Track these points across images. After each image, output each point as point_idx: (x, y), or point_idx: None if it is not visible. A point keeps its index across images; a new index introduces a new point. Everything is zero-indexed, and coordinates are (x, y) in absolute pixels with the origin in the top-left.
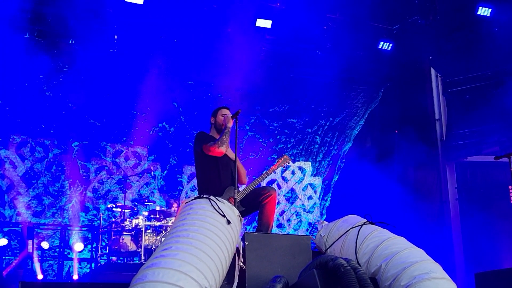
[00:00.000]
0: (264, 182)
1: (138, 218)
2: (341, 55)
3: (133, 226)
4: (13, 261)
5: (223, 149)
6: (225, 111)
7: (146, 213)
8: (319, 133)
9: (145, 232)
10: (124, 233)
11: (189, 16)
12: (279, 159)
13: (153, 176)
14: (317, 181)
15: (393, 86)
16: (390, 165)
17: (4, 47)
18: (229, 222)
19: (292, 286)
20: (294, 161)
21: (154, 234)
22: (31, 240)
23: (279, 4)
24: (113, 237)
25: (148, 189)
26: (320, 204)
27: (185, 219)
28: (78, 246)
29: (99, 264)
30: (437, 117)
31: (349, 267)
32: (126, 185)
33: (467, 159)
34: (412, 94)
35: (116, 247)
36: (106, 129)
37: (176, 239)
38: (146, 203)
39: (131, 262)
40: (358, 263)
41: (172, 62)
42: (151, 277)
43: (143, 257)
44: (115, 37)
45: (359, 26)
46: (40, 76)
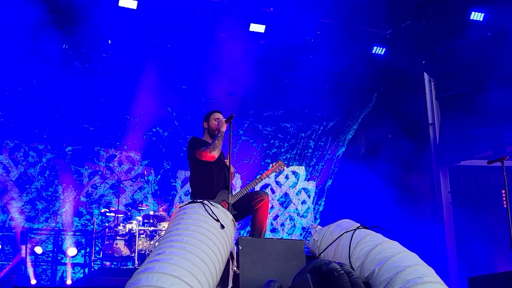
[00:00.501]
0: (258, 187)
1: (131, 222)
2: (334, 59)
3: (127, 230)
4: (6, 266)
5: (215, 153)
6: (217, 115)
7: (139, 218)
8: (313, 137)
9: (138, 236)
10: (118, 237)
11: (182, 21)
12: (274, 164)
13: (146, 181)
14: (311, 186)
15: (386, 90)
16: (383, 169)
17: None
18: (222, 227)
19: None
20: (288, 166)
21: (148, 238)
22: (25, 245)
23: (272, 9)
24: (106, 241)
25: (142, 193)
26: (314, 208)
27: (179, 223)
28: (72, 251)
29: (93, 269)
30: (430, 121)
31: (342, 272)
32: (120, 190)
33: (460, 163)
34: (405, 98)
35: (110, 252)
36: (100, 133)
37: (170, 243)
38: (139, 207)
39: (124, 267)
40: (351, 267)
41: (165, 66)
42: (145, 282)
43: (136, 261)
44: (109, 41)
45: (352, 31)
46: (34, 81)
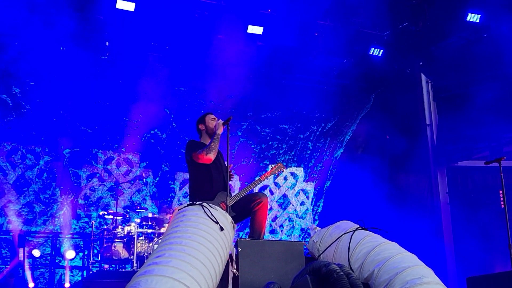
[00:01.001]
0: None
1: (130, 225)
2: (332, 61)
3: (125, 233)
4: (4, 270)
5: (212, 156)
6: (212, 115)
7: (138, 220)
8: (311, 138)
9: (137, 239)
10: (116, 240)
11: (180, 22)
12: (273, 166)
13: (145, 183)
14: (310, 187)
15: (384, 91)
16: (381, 170)
17: None
18: (222, 229)
19: None
20: (286, 167)
21: (147, 241)
22: (22, 248)
23: (270, 11)
24: (105, 244)
25: (140, 196)
26: (313, 209)
27: (178, 226)
28: (70, 253)
29: (91, 272)
30: (428, 122)
31: (342, 273)
32: (118, 192)
33: (458, 164)
34: (403, 99)
35: (108, 254)
36: (98, 136)
37: (169, 246)
38: (138, 210)
39: (123, 270)
40: (351, 268)
41: (163, 68)
42: (144, 285)
43: (135, 264)
44: (107, 43)
45: (350, 32)
46: (31, 83)
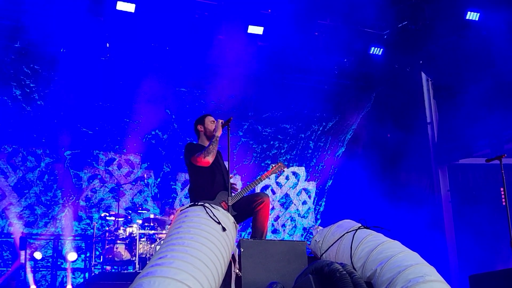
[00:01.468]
0: (258, 188)
1: (132, 226)
2: (332, 60)
3: (127, 234)
4: (6, 272)
5: (210, 158)
6: (212, 118)
7: (140, 221)
8: (312, 138)
9: (139, 240)
10: (118, 241)
11: (180, 23)
12: (274, 166)
13: (146, 184)
14: (311, 186)
15: (384, 90)
16: (383, 169)
17: None
18: (224, 229)
19: None
20: (288, 167)
21: (149, 242)
22: (24, 250)
23: (270, 11)
24: (107, 246)
25: (142, 197)
26: (315, 209)
27: (180, 227)
28: (72, 256)
29: (93, 274)
30: (428, 120)
31: (344, 272)
32: (119, 193)
33: (459, 161)
34: (404, 98)
35: (110, 256)
36: (99, 137)
37: (172, 247)
38: (139, 211)
39: (125, 271)
40: (353, 267)
41: (164, 69)
42: (146, 286)
43: (137, 265)
44: (107, 45)
45: (350, 31)
46: (32, 85)
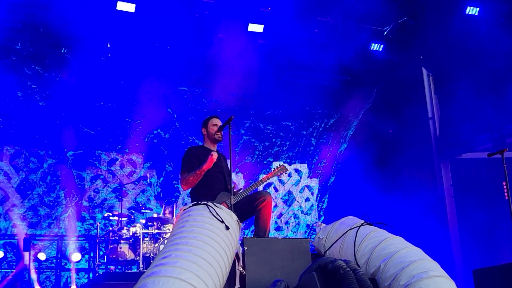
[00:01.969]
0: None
1: (135, 226)
2: (333, 57)
3: (131, 234)
4: (10, 274)
5: (187, 187)
6: (215, 120)
7: (143, 221)
8: (314, 135)
9: (143, 240)
10: (122, 241)
11: (181, 22)
12: (276, 168)
13: (149, 183)
14: (314, 183)
15: (385, 86)
16: (385, 165)
17: None
18: (227, 228)
19: None
20: (290, 164)
21: (152, 241)
22: (28, 251)
23: (270, 9)
24: (110, 246)
25: (145, 196)
26: (318, 205)
27: (184, 226)
28: (76, 256)
29: (97, 274)
30: (430, 115)
31: (348, 269)
32: (122, 193)
33: (461, 156)
34: (405, 93)
35: (114, 256)
36: (101, 137)
37: (175, 246)
38: (143, 210)
39: (129, 271)
40: (357, 264)
41: (165, 68)
42: (151, 286)
43: (141, 265)
44: (108, 45)
45: (350, 28)
46: (33, 86)
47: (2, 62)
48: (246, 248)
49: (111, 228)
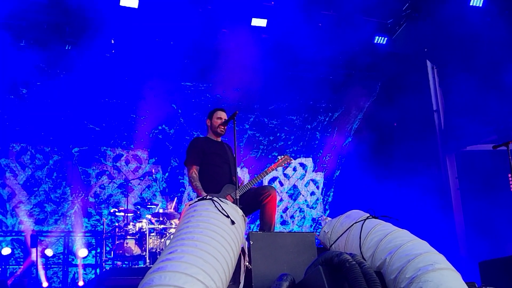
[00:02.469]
0: (266, 180)
1: (141, 221)
2: (337, 51)
3: (137, 229)
4: (18, 270)
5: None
6: (220, 113)
7: (149, 216)
8: (319, 129)
9: (149, 235)
10: (128, 237)
11: (184, 18)
12: (280, 158)
13: (154, 179)
14: (319, 177)
15: (390, 79)
16: (390, 158)
17: (0, 56)
18: (233, 223)
19: (298, 284)
20: (295, 158)
21: (158, 237)
22: (35, 248)
23: (273, 3)
24: (117, 241)
25: (150, 192)
26: (323, 199)
27: (189, 221)
28: (82, 252)
29: (104, 270)
30: (435, 108)
31: (354, 262)
32: (128, 189)
33: (466, 148)
34: (409, 86)
35: (121, 251)
36: (106, 133)
37: (181, 241)
38: (148, 206)
39: (136, 266)
40: (363, 257)
41: (169, 64)
42: (157, 281)
43: (148, 260)
44: (112, 41)
45: (353, 21)
46: (38, 83)
47: (6, 59)
48: (252, 243)
49: (117, 224)
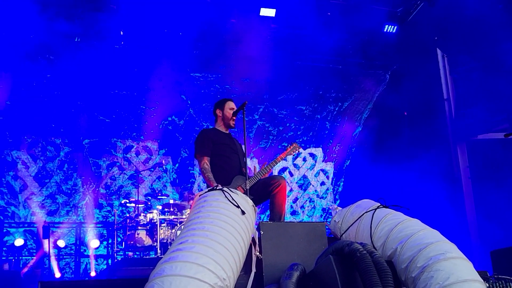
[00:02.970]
0: (276, 170)
1: (152, 212)
2: (346, 40)
3: (148, 220)
4: (30, 261)
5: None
6: (232, 104)
7: (160, 207)
8: (329, 118)
9: (159, 225)
10: (139, 227)
11: (193, 8)
12: (289, 147)
13: (164, 170)
14: (329, 167)
15: (400, 68)
16: (400, 147)
17: (10, 49)
18: (243, 213)
19: (309, 273)
20: (304, 148)
21: (169, 227)
22: (47, 239)
23: None
24: (128, 232)
25: (161, 182)
26: (333, 189)
27: (200, 211)
28: (94, 243)
29: (116, 260)
30: (445, 96)
31: (365, 252)
32: (139, 180)
33: (477, 137)
34: (420, 75)
35: (132, 242)
36: (116, 125)
37: (192, 232)
38: (159, 197)
39: (147, 257)
40: (373, 247)
41: (178, 55)
42: (169, 271)
43: (159, 251)
44: (121, 32)
45: (362, 10)
46: (48, 75)
47: (17, 53)
48: (262, 233)
49: (128, 215)
